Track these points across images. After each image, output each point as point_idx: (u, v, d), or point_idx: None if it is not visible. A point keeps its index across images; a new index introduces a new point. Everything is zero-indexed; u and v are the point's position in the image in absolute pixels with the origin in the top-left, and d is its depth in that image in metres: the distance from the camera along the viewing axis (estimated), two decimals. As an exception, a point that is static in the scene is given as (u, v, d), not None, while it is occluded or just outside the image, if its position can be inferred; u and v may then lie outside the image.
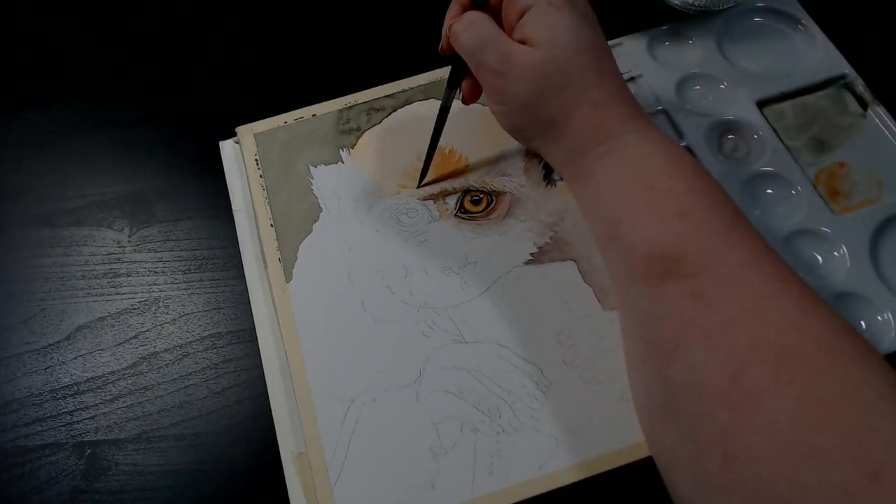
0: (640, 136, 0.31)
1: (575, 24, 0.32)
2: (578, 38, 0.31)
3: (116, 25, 0.50)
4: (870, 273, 0.36)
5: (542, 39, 0.31)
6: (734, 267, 0.27)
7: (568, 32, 0.31)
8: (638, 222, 0.29)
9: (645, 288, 0.28)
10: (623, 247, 0.30)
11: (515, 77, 0.32)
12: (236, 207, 0.42)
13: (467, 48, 0.33)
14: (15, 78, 0.48)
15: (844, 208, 0.38)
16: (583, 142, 0.32)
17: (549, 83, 0.31)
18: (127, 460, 0.35)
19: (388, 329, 0.36)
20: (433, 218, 0.39)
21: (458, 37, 0.34)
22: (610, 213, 0.31)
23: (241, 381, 0.37)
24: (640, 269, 0.28)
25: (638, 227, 0.29)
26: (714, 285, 0.26)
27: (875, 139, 0.40)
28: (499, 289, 0.37)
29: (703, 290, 0.26)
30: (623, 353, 0.32)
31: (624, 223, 0.30)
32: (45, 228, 0.42)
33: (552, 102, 0.32)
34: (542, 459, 0.32)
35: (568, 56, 0.31)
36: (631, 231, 0.29)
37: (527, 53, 0.32)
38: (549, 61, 0.31)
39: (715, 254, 0.27)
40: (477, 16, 0.34)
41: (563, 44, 0.31)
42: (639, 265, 0.28)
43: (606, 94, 0.32)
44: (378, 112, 0.43)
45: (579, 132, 0.32)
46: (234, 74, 0.47)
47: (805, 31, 0.45)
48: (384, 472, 0.32)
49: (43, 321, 0.39)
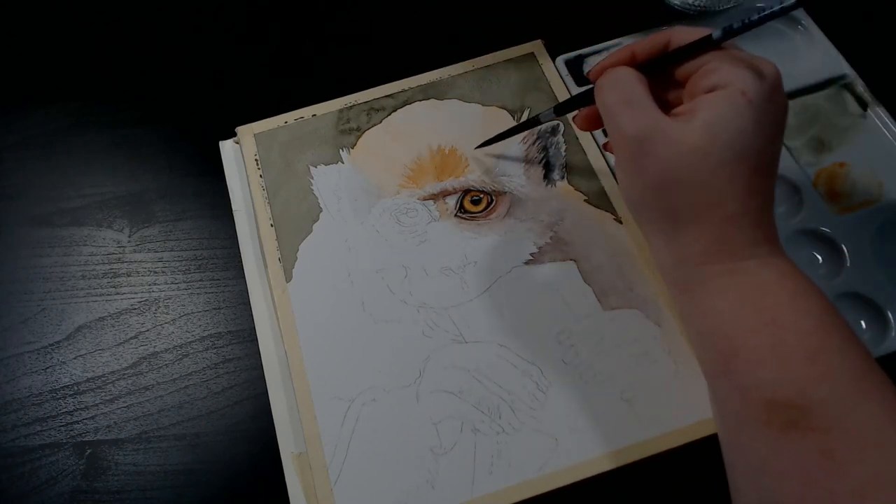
0: (764, 263, 0.28)
1: (755, 126, 0.27)
2: (748, 142, 0.27)
3: (116, 26, 0.50)
4: (870, 273, 0.36)
5: (706, 125, 0.27)
6: (866, 422, 0.24)
7: (739, 132, 0.27)
8: (758, 360, 0.26)
9: (764, 435, 0.26)
10: (739, 385, 0.27)
11: (652, 151, 0.28)
12: (236, 207, 0.42)
13: (606, 104, 0.30)
14: (15, 78, 0.48)
15: (844, 208, 0.38)
16: (700, 252, 0.28)
17: (686, 175, 0.27)
18: (127, 460, 0.35)
19: (388, 329, 0.36)
20: (433, 218, 0.39)
21: (601, 89, 0.30)
22: (723, 343, 0.28)
23: (241, 381, 0.37)
24: (759, 413, 0.26)
25: (758, 365, 0.26)
26: (844, 444, 0.24)
27: (875, 139, 0.40)
28: (499, 289, 0.37)
29: (831, 448, 0.24)
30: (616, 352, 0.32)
31: (741, 358, 0.27)
32: (45, 228, 0.42)
33: (684, 196, 0.28)
34: (542, 459, 0.32)
35: (723, 158, 0.27)
36: (750, 368, 0.27)
37: (675, 130, 0.27)
38: (699, 152, 0.27)
39: (846, 406, 0.25)
40: (626, 73, 0.30)
41: (726, 140, 0.27)
42: (759, 409, 0.26)
43: (745, 212, 0.28)
44: (378, 112, 0.43)
45: (699, 241, 0.28)
46: (234, 74, 0.47)
47: (805, 32, 0.45)
48: (384, 472, 0.32)
49: (43, 321, 0.39)
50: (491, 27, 0.47)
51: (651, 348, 0.35)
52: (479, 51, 0.45)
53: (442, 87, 0.44)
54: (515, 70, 0.44)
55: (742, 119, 0.27)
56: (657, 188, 0.28)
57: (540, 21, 0.47)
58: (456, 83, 0.44)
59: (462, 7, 0.49)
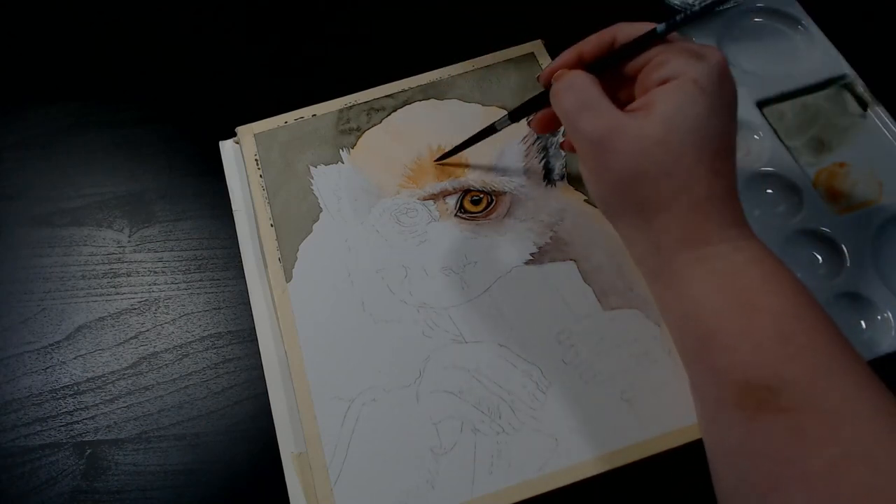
0: (736, 247, 0.28)
1: (711, 111, 0.28)
2: (707, 127, 0.28)
3: (116, 26, 0.50)
4: (870, 273, 0.36)
5: (664, 116, 0.28)
6: (838, 401, 0.24)
7: (697, 117, 0.28)
8: (731, 343, 0.27)
9: (739, 417, 0.26)
10: (714, 368, 0.27)
11: (615, 150, 0.28)
12: (236, 207, 0.42)
13: (565, 110, 0.30)
14: (15, 78, 0.48)
15: (844, 208, 0.38)
16: (673, 241, 0.29)
17: (652, 166, 0.28)
18: (127, 460, 0.35)
19: (388, 329, 0.36)
20: (433, 218, 0.39)
21: (557, 96, 0.31)
22: (698, 328, 0.28)
23: (241, 381, 0.37)
24: (733, 396, 0.26)
25: (731, 348, 0.27)
26: (816, 422, 0.24)
27: (875, 139, 0.40)
28: (499, 289, 0.37)
29: (804, 426, 0.24)
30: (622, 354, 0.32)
31: (715, 342, 0.27)
32: (45, 228, 0.42)
33: (650, 187, 0.28)
34: (542, 459, 0.32)
35: (685, 144, 0.28)
36: (724, 352, 0.27)
37: (635, 126, 0.28)
38: (661, 143, 0.28)
39: (817, 385, 0.25)
40: (581, 78, 0.30)
41: (685, 129, 0.28)
42: (732, 392, 0.26)
43: (712, 195, 0.28)
44: (378, 112, 0.43)
45: (671, 229, 0.29)
46: (234, 74, 0.47)
47: (805, 32, 0.44)
48: (384, 472, 0.32)
49: (43, 321, 0.39)
50: (491, 27, 0.47)
51: (651, 348, 0.35)
52: (479, 51, 0.45)
53: (442, 87, 0.44)
54: (515, 70, 0.44)
55: (697, 106, 0.28)
56: (623, 183, 0.29)
57: (540, 21, 0.47)
58: (456, 83, 0.44)
59: (462, 7, 0.49)
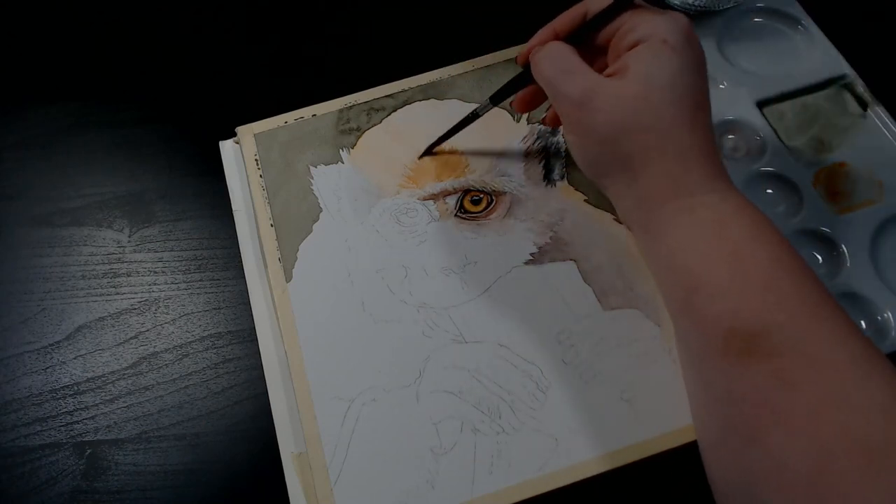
0: (721, 197, 0.29)
1: (683, 68, 0.29)
2: (681, 82, 0.29)
3: (116, 26, 0.50)
4: (870, 273, 0.36)
5: (640, 74, 0.29)
6: (820, 346, 0.25)
7: (672, 74, 0.29)
8: (717, 292, 0.27)
9: (723, 365, 0.26)
10: (700, 318, 0.28)
11: (597, 108, 0.30)
12: (236, 207, 0.42)
13: (546, 77, 0.32)
14: (15, 78, 0.48)
15: (844, 208, 0.38)
16: (659, 192, 0.30)
17: (634, 120, 0.29)
18: (127, 460, 0.35)
19: (388, 329, 0.36)
20: (433, 218, 0.39)
21: (538, 65, 0.32)
22: (685, 278, 0.29)
23: (241, 381, 0.37)
24: (718, 344, 0.27)
25: (717, 297, 0.27)
26: (799, 366, 0.25)
27: (875, 139, 0.40)
28: (499, 289, 0.37)
29: (787, 371, 0.25)
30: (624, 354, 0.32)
31: (702, 291, 0.28)
32: (45, 228, 0.42)
33: (633, 141, 0.30)
34: (542, 459, 0.32)
35: (664, 98, 0.29)
36: (709, 301, 0.27)
37: (614, 85, 0.30)
38: (640, 98, 0.29)
39: (800, 331, 0.26)
40: (559, 46, 0.32)
41: (662, 84, 0.29)
42: (718, 340, 0.27)
43: (694, 147, 0.29)
44: (378, 112, 0.43)
45: (657, 181, 0.30)
46: (234, 74, 0.47)
47: (805, 31, 0.44)
48: (384, 472, 0.32)
49: (43, 321, 0.39)
50: (491, 27, 0.47)
51: (651, 348, 0.35)
52: (479, 51, 0.45)
53: (442, 87, 0.44)
54: (515, 70, 0.44)
55: (671, 63, 0.29)
56: (608, 140, 0.30)
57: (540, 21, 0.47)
58: (456, 83, 0.44)
59: (462, 7, 0.49)
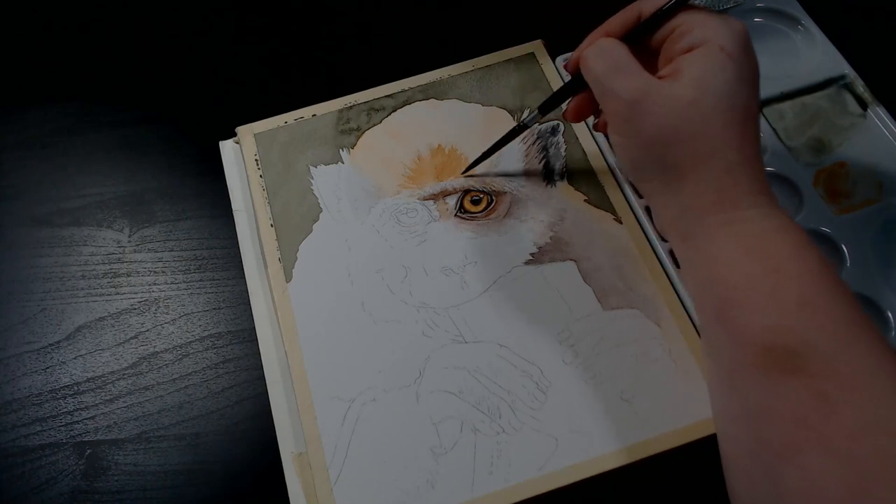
0: (765, 213, 0.29)
1: (737, 78, 0.28)
2: (736, 92, 0.28)
3: (116, 25, 0.50)
4: (870, 273, 0.36)
5: (694, 79, 0.28)
6: (859, 368, 0.25)
7: (726, 82, 0.28)
8: (756, 307, 0.27)
9: (759, 378, 0.26)
10: (737, 330, 0.28)
11: (647, 111, 0.29)
12: (236, 207, 0.42)
13: (596, 74, 0.31)
14: (15, 78, 0.48)
15: (844, 208, 0.38)
16: (703, 202, 0.29)
17: (685, 126, 0.28)
18: (127, 460, 0.35)
19: (388, 329, 0.36)
20: (433, 218, 0.39)
21: (588, 61, 0.31)
22: (724, 290, 0.28)
23: (241, 381, 0.37)
24: (756, 358, 0.26)
25: (757, 311, 0.27)
26: (839, 387, 0.24)
27: (875, 139, 0.40)
28: (499, 289, 0.37)
29: (826, 391, 0.24)
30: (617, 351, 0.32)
31: (741, 304, 0.28)
32: (45, 228, 0.42)
33: (682, 148, 0.29)
34: (542, 459, 0.32)
35: (717, 106, 0.28)
36: (749, 314, 0.27)
37: (667, 88, 0.29)
38: (694, 104, 0.28)
39: (840, 351, 0.25)
40: (611, 42, 0.31)
41: (717, 92, 0.28)
42: (755, 354, 0.26)
43: (742, 161, 0.29)
44: (378, 112, 0.43)
45: (702, 191, 0.29)
46: (234, 74, 0.47)
47: (805, 32, 0.44)
48: (384, 472, 0.32)
49: (43, 321, 0.39)
50: (491, 27, 0.47)
51: (651, 348, 0.35)
52: (479, 51, 0.45)
53: (442, 87, 0.44)
54: (515, 70, 0.44)
55: (726, 72, 0.28)
56: (656, 144, 0.29)
57: (540, 21, 0.47)
58: (456, 83, 0.44)
59: (462, 7, 0.49)
